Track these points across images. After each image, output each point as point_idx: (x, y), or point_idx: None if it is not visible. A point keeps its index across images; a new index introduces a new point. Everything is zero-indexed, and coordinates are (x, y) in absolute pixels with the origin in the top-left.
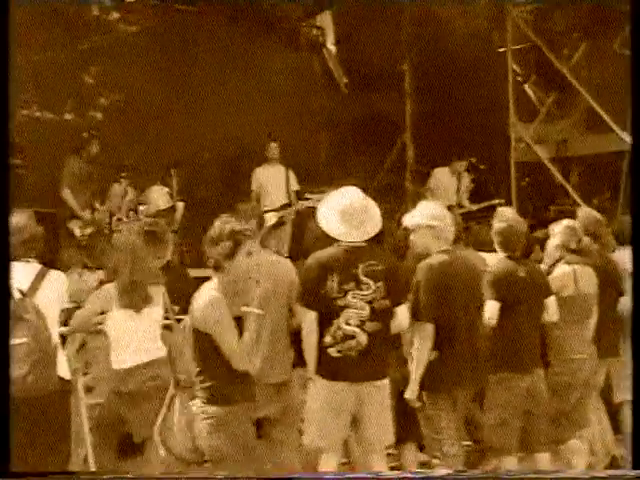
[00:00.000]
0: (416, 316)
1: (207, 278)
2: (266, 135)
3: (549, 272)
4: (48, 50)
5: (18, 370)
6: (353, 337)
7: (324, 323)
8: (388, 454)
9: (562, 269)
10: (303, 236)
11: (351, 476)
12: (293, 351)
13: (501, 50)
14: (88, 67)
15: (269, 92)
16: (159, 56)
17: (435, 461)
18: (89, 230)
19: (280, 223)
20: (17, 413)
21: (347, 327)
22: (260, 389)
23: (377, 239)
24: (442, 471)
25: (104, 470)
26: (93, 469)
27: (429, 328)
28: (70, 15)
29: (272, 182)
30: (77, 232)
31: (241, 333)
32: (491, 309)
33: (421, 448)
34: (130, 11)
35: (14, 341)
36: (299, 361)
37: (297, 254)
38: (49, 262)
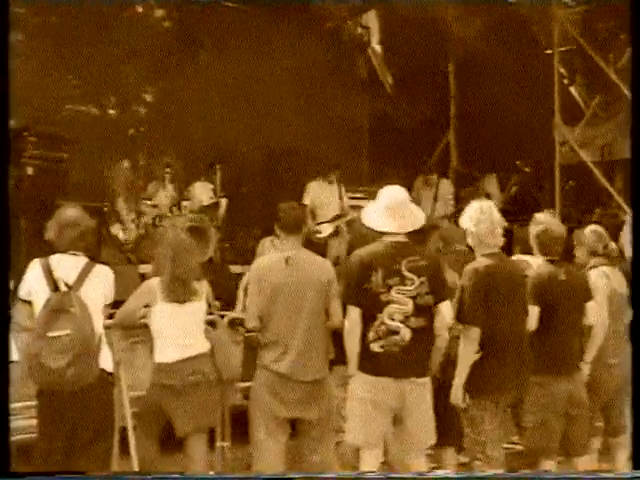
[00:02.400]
0: (461, 319)
1: None
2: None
3: None
4: (91, 45)
5: (58, 362)
6: (397, 332)
7: (368, 318)
8: (427, 455)
9: (595, 273)
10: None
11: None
12: (332, 349)
13: (548, 52)
14: (131, 62)
15: (313, 90)
16: (202, 53)
17: (477, 463)
18: (133, 235)
19: (335, 232)
20: (57, 404)
21: (391, 322)
22: (293, 387)
23: (420, 238)
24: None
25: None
26: (135, 463)
27: (474, 331)
28: (113, 11)
29: (327, 197)
30: (121, 236)
31: None
32: (531, 313)
33: (459, 450)
34: (174, 8)
35: (56, 333)
36: (338, 359)
37: None
38: (93, 257)
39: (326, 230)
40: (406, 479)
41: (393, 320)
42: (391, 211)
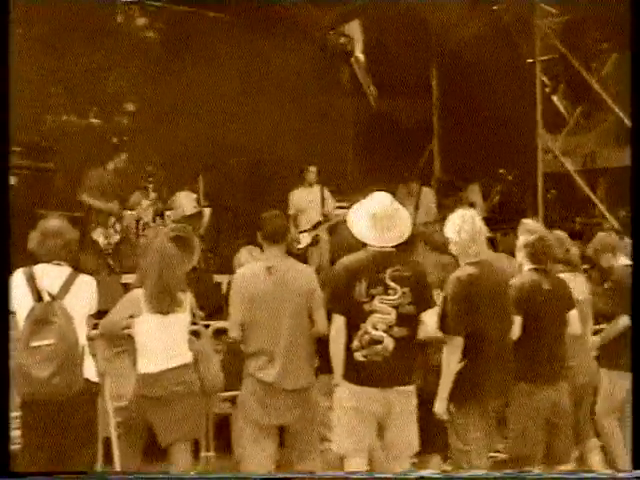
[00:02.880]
0: (445, 329)
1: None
2: (291, 142)
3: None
4: (75, 55)
5: (42, 371)
6: (380, 342)
7: (351, 327)
8: (412, 463)
9: None
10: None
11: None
12: (316, 358)
13: (530, 61)
14: (113, 72)
15: (296, 99)
16: (186, 62)
17: (461, 472)
18: (115, 239)
19: (314, 242)
20: (41, 414)
21: (374, 332)
22: (279, 396)
23: (405, 246)
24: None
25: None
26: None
27: (458, 341)
28: (95, 20)
29: (309, 203)
30: (102, 241)
31: None
32: (514, 322)
33: (444, 458)
34: (156, 17)
35: (40, 342)
36: (324, 368)
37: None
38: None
39: (304, 240)
40: (400, 479)
41: (376, 329)
42: (378, 221)
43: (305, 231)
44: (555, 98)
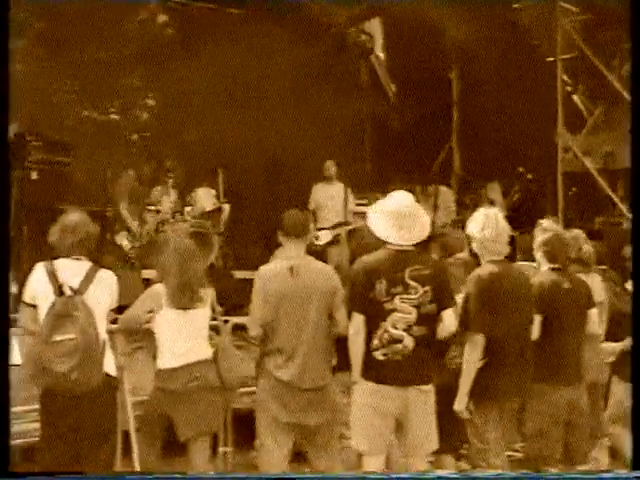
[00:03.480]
0: (466, 327)
1: (251, 280)
2: (311, 140)
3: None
4: (94, 51)
5: (62, 365)
6: (400, 341)
7: (371, 326)
8: (429, 461)
9: None
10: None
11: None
12: (335, 356)
13: (550, 59)
14: (133, 68)
15: (315, 97)
16: (206, 58)
17: (478, 471)
18: (137, 244)
19: (334, 241)
20: (60, 408)
21: (394, 331)
22: (296, 394)
23: (424, 244)
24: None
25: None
26: (138, 467)
27: (479, 339)
28: (116, 16)
29: (331, 200)
30: (125, 244)
31: None
32: (534, 321)
33: (459, 457)
34: (176, 14)
35: (61, 337)
36: (342, 366)
37: None
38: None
39: (325, 237)
40: (406, 479)
41: (396, 329)
42: (398, 220)
43: (324, 229)
44: (575, 97)
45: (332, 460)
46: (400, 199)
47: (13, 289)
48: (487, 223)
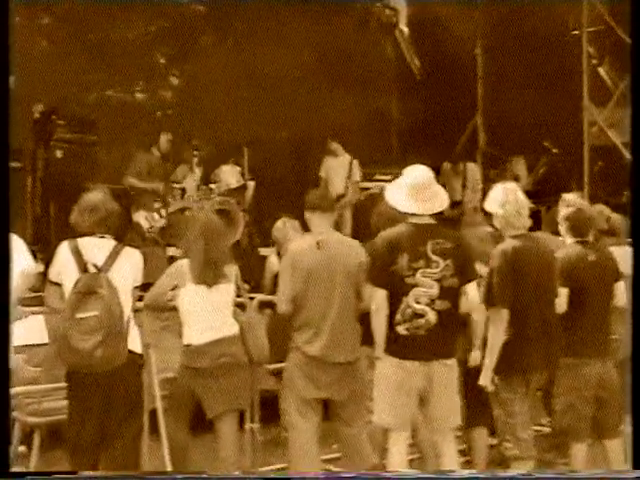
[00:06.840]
0: (490, 301)
1: None
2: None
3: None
4: (119, 29)
5: (86, 343)
6: (422, 315)
7: (394, 301)
8: (456, 436)
9: None
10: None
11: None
12: (361, 331)
13: (575, 32)
14: (158, 46)
15: (340, 75)
16: (231, 37)
17: (506, 444)
18: (160, 224)
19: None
20: (86, 385)
21: (416, 305)
22: (325, 368)
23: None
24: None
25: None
26: (165, 444)
27: (504, 313)
28: None
29: (336, 172)
30: (143, 223)
31: None
32: (560, 295)
33: (490, 432)
34: None
35: (85, 314)
36: (365, 340)
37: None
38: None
39: None
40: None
41: (419, 303)
42: (415, 192)
43: None
44: (601, 70)
45: (359, 434)
46: (417, 171)
47: (40, 268)
48: (507, 199)
